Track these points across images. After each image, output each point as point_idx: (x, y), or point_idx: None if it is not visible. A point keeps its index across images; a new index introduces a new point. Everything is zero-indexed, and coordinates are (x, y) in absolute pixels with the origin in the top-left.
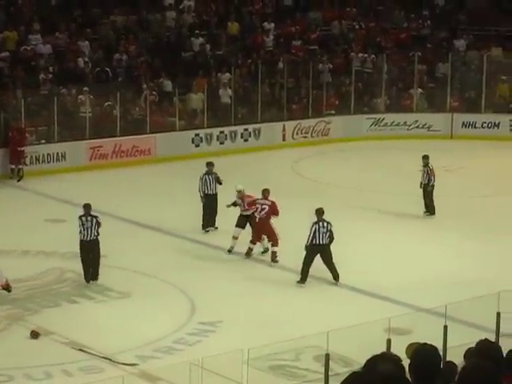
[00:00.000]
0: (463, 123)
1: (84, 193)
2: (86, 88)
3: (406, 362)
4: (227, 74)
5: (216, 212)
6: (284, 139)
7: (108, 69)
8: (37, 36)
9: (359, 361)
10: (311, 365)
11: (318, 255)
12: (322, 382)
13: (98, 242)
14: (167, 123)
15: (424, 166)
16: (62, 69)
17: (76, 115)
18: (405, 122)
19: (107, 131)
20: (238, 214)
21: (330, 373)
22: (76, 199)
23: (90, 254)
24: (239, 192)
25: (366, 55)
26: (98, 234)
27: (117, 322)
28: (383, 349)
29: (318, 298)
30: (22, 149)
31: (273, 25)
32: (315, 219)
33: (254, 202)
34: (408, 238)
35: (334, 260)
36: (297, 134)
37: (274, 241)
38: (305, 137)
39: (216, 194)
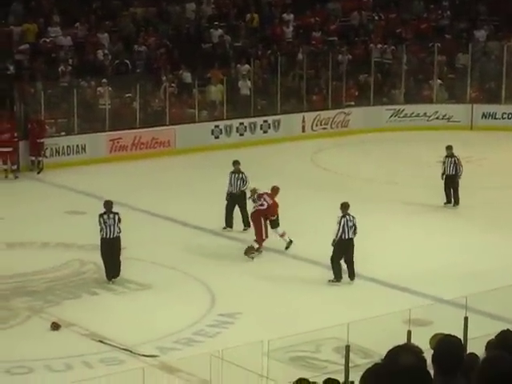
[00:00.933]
0: (483, 114)
1: (104, 185)
2: (104, 80)
3: (427, 354)
4: (246, 66)
5: (244, 211)
6: (303, 130)
7: (127, 61)
8: (56, 28)
9: (379, 352)
10: (331, 356)
11: None
12: (342, 374)
13: (120, 239)
14: (187, 115)
15: (448, 157)
16: (81, 61)
17: (95, 107)
18: (424, 113)
19: (127, 123)
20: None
21: (350, 364)
22: (96, 191)
23: (111, 251)
24: (252, 191)
25: (385, 46)
26: (120, 231)
27: (137, 313)
28: (403, 340)
29: (338, 290)
30: (42, 141)
31: (292, 16)
32: (340, 213)
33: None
34: (429, 230)
35: (356, 250)
36: (316, 125)
37: (257, 237)
38: (324, 128)
39: (240, 194)
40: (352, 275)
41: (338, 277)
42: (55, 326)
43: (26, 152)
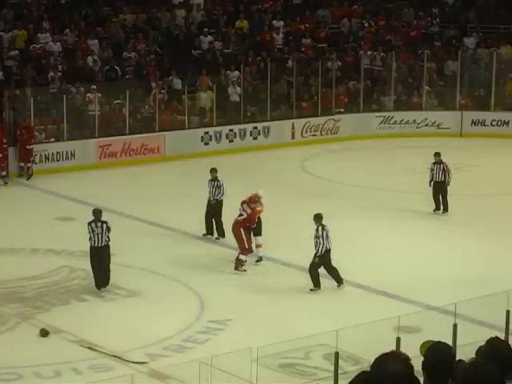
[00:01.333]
0: (473, 121)
1: (93, 191)
2: (94, 86)
3: (414, 361)
4: (236, 72)
5: (218, 221)
6: (293, 137)
7: (117, 67)
8: (46, 34)
9: (369, 359)
10: (320, 363)
11: None
12: (331, 381)
13: (109, 248)
14: (176, 121)
15: (437, 163)
16: (71, 67)
17: (85, 113)
18: (414, 120)
19: (116, 129)
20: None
21: (339, 371)
22: (85, 198)
23: (100, 260)
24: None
25: (375, 53)
26: (109, 240)
27: (126, 320)
28: (393, 347)
29: (327, 297)
30: (31, 147)
31: (282, 23)
32: (315, 225)
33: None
34: (417, 236)
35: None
36: (306, 132)
37: (241, 248)
38: (314, 135)
39: (216, 202)
40: (340, 280)
41: (318, 284)
42: (44, 333)
43: (15, 158)
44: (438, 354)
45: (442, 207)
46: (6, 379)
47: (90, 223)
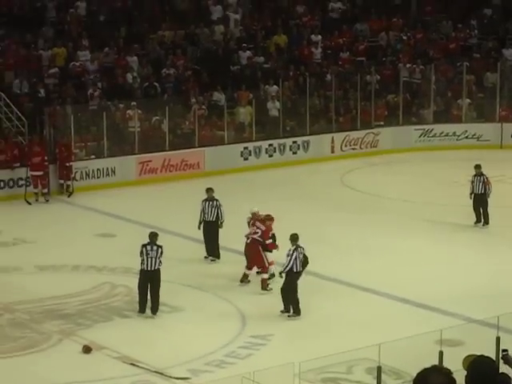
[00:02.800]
0: None
1: (133, 207)
2: (134, 103)
3: (456, 375)
4: (275, 87)
5: (216, 241)
6: (333, 151)
7: (156, 83)
8: (85, 52)
9: (411, 373)
10: (363, 377)
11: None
12: None
13: (159, 272)
14: (216, 137)
15: (477, 176)
16: (110, 84)
17: (125, 130)
18: (454, 133)
19: (156, 146)
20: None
21: None
22: (125, 214)
23: (149, 284)
24: (254, 214)
25: (414, 66)
26: (161, 264)
27: (168, 336)
28: (435, 361)
29: (368, 310)
30: (70, 164)
31: (320, 37)
32: (291, 246)
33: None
34: (459, 249)
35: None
36: (345, 145)
37: (262, 267)
38: (353, 148)
39: (215, 222)
40: (297, 311)
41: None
42: (87, 349)
43: (56, 175)
44: (482, 368)
45: (482, 219)
46: None
47: (144, 245)
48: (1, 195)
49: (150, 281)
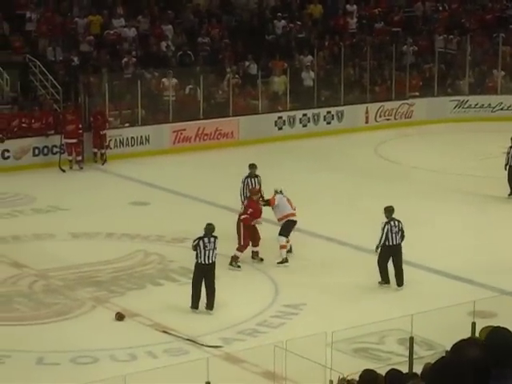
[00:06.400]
0: None
1: (167, 176)
2: (170, 71)
3: None
4: (309, 57)
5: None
6: (367, 122)
7: (191, 52)
8: (120, 20)
9: (443, 344)
10: (395, 348)
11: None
12: (405, 365)
13: (215, 265)
14: (250, 106)
15: (511, 147)
16: (145, 52)
17: (159, 98)
18: (489, 104)
19: (190, 114)
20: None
21: (414, 356)
22: (159, 182)
23: (206, 278)
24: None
25: (449, 37)
26: (216, 256)
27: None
28: (467, 332)
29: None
30: (104, 132)
31: (355, 7)
32: (385, 219)
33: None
34: (493, 221)
35: (413, 245)
36: (380, 116)
37: (239, 244)
38: (388, 119)
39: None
40: (400, 282)
41: (386, 280)
42: (120, 317)
43: (90, 143)
44: (499, 339)
45: None
46: (82, 362)
47: (201, 238)
48: (35, 162)
49: (205, 274)
